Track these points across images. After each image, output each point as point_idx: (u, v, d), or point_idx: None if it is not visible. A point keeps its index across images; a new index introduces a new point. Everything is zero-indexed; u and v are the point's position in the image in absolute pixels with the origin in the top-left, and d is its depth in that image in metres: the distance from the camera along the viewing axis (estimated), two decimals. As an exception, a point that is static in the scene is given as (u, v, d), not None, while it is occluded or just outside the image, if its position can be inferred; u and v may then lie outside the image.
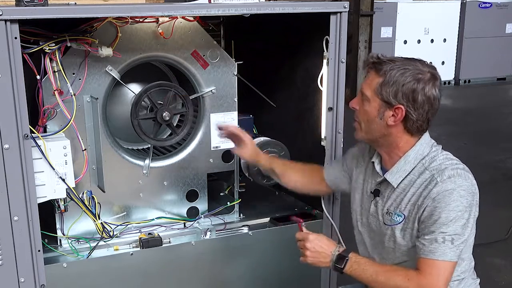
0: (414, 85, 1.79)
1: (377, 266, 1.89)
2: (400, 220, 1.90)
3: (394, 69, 1.81)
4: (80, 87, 2.15)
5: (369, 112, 1.87)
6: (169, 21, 2.26)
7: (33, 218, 1.96)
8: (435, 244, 1.77)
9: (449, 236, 1.76)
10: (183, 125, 2.38)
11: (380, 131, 1.88)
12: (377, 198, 1.99)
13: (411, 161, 1.89)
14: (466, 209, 1.78)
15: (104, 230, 2.25)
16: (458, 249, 1.79)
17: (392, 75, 1.80)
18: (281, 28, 2.60)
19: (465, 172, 1.85)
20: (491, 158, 5.90)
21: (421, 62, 1.86)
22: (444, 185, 1.79)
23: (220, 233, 2.43)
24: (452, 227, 1.77)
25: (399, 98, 1.80)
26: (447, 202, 1.78)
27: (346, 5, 2.28)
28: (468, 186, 1.81)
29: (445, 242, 1.76)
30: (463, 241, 1.79)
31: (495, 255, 3.65)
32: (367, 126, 1.91)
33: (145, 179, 2.37)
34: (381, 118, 1.85)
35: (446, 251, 1.77)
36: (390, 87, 1.80)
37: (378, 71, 1.84)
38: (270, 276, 2.49)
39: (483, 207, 2.03)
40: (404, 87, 1.79)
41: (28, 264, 1.99)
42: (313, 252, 1.93)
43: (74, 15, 1.90)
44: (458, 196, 1.78)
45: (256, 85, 2.68)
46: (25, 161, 1.90)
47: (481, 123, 7.51)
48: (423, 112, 1.82)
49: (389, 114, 1.84)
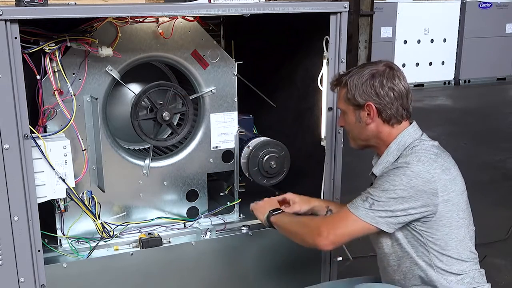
0: (372, 81, 1.92)
1: (297, 217, 2.11)
2: None
3: (352, 75, 1.96)
4: (80, 87, 2.15)
5: (349, 121, 2.01)
6: (169, 21, 2.27)
7: (33, 218, 1.96)
8: (357, 199, 1.89)
9: (371, 198, 1.84)
10: (183, 125, 2.38)
11: (364, 132, 1.99)
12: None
13: (393, 152, 1.95)
14: (404, 187, 1.80)
15: (104, 230, 2.25)
16: (375, 214, 1.83)
17: (352, 81, 1.95)
18: (281, 28, 2.60)
19: (430, 160, 1.85)
20: (491, 158, 5.90)
21: (376, 62, 2.00)
22: (399, 164, 1.86)
23: (220, 233, 2.43)
24: (378, 193, 1.83)
25: (364, 97, 1.93)
26: (389, 174, 1.85)
27: (346, 5, 2.28)
28: (420, 170, 1.82)
29: (365, 202, 1.85)
30: (385, 210, 1.82)
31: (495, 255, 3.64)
32: (354, 134, 2.04)
33: (145, 179, 2.37)
34: (359, 121, 1.98)
35: (360, 208, 1.85)
36: (354, 91, 1.94)
37: (341, 84, 2.00)
38: (270, 276, 2.49)
39: (483, 207, 2.04)
40: (364, 86, 1.93)
41: (28, 264, 1.99)
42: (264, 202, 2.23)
43: (74, 15, 1.90)
44: (402, 174, 1.83)
45: (256, 85, 2.68)
46: (25, 161, 1.91)
47: (481, 123, 7.50)
48: (391, 100, 1.92)
49: (364, 114, 1.95)
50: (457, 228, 1.89)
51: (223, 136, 2.46)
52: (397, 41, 9.92)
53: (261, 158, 2.44)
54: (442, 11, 10.18)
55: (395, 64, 1.99)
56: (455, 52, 10.53)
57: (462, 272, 1.91)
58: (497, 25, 10.56)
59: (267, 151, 2.45)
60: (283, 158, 2.48)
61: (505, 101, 9.21)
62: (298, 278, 2.48)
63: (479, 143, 6.46)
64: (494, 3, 10.44)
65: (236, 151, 2.49)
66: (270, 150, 2.45)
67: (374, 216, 1.84)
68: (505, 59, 10.82)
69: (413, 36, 10.08)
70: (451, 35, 10.43)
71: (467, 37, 10.40)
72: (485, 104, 8.86)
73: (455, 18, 10.39)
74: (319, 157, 2.47)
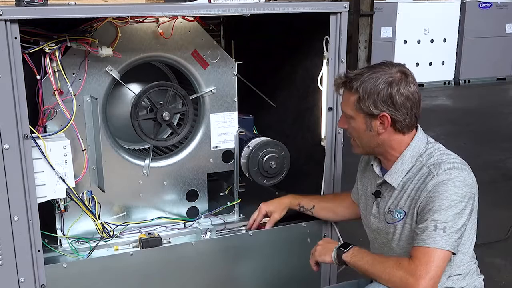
0: (389, 90, 1.81)
1: (373, 255, 1.91)
2: (401, 217, 1.91)
3: (364, 81, 1.83)
4: (80, 87, 2.15)
5: (358, 128, 1.91)
6: (169, 21, 2.26)
7: (33, 218, 1.96)
8: (427, 232, 1.78)
9: (440, 224, 1.76)
10: (183, 125, 2.38)
11: (374, 141, 1.91)
12: (378, 199, 2.01)
13: (408, 160, 1.91)
14: (461, 199, 1.79)
15: (104, 230, 2.25)
16: (452, 238, 1.77)
17: (365, 89, 1.82)
18: (281, 28, 2.60)
19: (462, 165, 1.86)
20: (491, 158, 5.90)
21: (387, 65, 1.88)
22: (440, 177, 1.81)
23: (220, 233, 2.43)
24: (444, 214, 1.77)
25: (379, 107, 1.83)
26: (441, 191, 1.79)
27: (346, 5, 2.28)
28: (464, 177, 1.82)
29: (437, 230, 1.76)
30: (457, 230, 1.78)
31: (495, 255, 3.64)
32: (361, 141, 1.94)
33: (145, 179, 2.37)
34: (370, 130, 1.88)
35: (437, 239, 1.76)
36: (367, 100, 1.83)
37: (351, 89, 1.87)
38: (270, 276, 2.49)
39: (483, 207, 2.04)
40: (380, 95, 1.82)
41: (28, 264, 1.99)
42: (322, 246, 2.01)
43: (74, 15, 1.90)
44: (453, 186, 1.79)
45: (256, 85, 2.68)
46: (25, 161, 1.91)
47: (481, 123, 7.50)
48: (407, 110, 1.85)
49: (377, 123, 1.86)
50: (474, 228, 1.92)
51: (223, 136, 2.46)
52: (397, 41, 9.93)
53: (261, 158, 2.44)
54: (442, 11, 10.18)
55: (406, 67, 1.89)
56: (455, 52, 10.53)
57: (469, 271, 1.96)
58: (497, 25, 10.56)
59: (267, 151, 2.45)
60: (283, 158, 2.48)
61: (505, 101, 9.21)
62: (298, 278, 2.48)
63: (479, 143, 6.46)
64: (494, 3, 10.44)
65: (236, 151, 2.49)
66: (270, 150, 2.45)
67: (452, 243, 1.77)
68: (505, 59, 10.82)
69: (413, 36, 10.08)
70: (451, 35, 10.43)
71: (467, 37, 10.39)
72: (485, 104, 8.86)
73: (455, 18, 10.39)
74: (319, 157, 2.47)
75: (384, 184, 1.98)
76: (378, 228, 2.03)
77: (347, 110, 1.91)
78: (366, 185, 2.11)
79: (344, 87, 1.91)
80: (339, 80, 1.92)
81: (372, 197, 2.04)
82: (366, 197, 2.10)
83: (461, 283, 1.94)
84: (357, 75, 1.86)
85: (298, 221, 2.50)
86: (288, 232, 2.47)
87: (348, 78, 1.88)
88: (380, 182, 1.98)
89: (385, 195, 1.98)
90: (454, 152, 1.95)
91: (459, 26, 10.41)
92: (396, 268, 1.78)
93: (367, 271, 1.86)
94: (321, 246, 2.01)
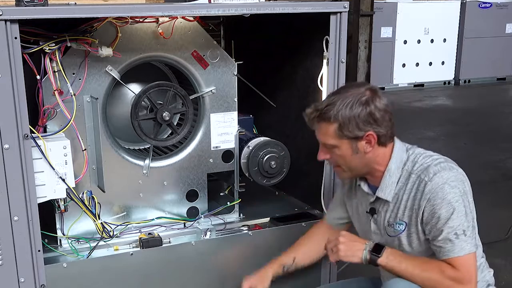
0: (367, 109, 1.82)
1: (411, 258, 1.89)
2: (403, 228, 1.92)
3: (340, 108, 1.83)
4: (80, 87, 2.15)
5: (343, 154, 1.89)
6: (169, 21, 2.26)
7: (33, 218, 1.96)
8: (450, 243, 1.80)
9: (459, 230, 1.79)
10: (183, 125, 2.38)
11: (362, 162, 1.91)
12: (375, 215, 2.01)
13: (394, 172, 1.91)
14: (461, 197, 1.81)
15: (104, 230, 2.25)
16: (473, 238, 1.82)
17: (343, 115, 1.82)
18: (281, 28, 2.60)
19: (448, 163, 1.88)
20: (491, 158, 5.89)
21: (353, 86, 1.90)
22: (433, 182, 1.82)
23: (220, 233, 2.43)
24: (457, 220, 1.79)
25: (363, 127, 1.83)
26: (442, 197, 1.80)
27: (346, 5, 2.28)
28: (455, 175, 1.84)
29: (459, 237, 1.79)
30: (473, 228, 1.83)
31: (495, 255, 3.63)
32: (349, 166, 1.93)
33: (145, 179, 2.37)
34: (357, 152, 1.88)
35: (464, 245, 1.80)
36: (349, 125, 1.83)
37: (328, 120, 1.85)
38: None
39: (483, 207, 2.04)
40: (361, 117, 1.82)
41: (28, 264, 1.99)
42: (346, 245, 1.92)
43: (74, 15, 1.90)
44: (450, 188, 1.81)
45: (256, 85, 2.68)
46: (25, 161, 1.91)
47: (481, 123, 7.49)
48: (387, 123, 1.87)
49: (363, 144, 1.87)
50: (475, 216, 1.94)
51: (223, 136, 2.46)
52: (397, 41, 9.92)
53: (261, 158, 2.44)
54: (442, 11, 10.18)
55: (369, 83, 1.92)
56: (455, 52, 10.53)
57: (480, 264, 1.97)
58: (497, 25, 10.56)
59: (267, 151, 2.45)
60: (283, 158, 2.47)
61: (505, 101, 9.21)
62: (298, 279, 2.48)
63: (479, 143, 6.46)
64: (494, 3, 10.44)
65: (236, 151, 2.49)
66: (270, 150, 2.45)
67: (474, 241, 1.82)
68: (505, 59, 10.82)
69: (413, 36, 10.08)
70: (451, 35, 10.43)
71: (467, 37, 10.39)
72: (485, 104, 8.86)
73: (455, 18, 10.38)
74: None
75: (377, 200, 1.98)
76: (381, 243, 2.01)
77: (329, 141, 1.89)
78: (356, 205, 2.10)
79: (319, 120, 1.89)
80: (312, 115, 1.90)
81: (367, 215, 2.04)
82: (359, 217, 2.09)
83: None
84: (329, 105, 1.85)
85: (298, 221, 2.51)
86: (288, 232, 2.47)
87: (321, 110, 1.86)
88: (373, 199, 1.98)
89: (381, 210, 1.98)
90: (454, 152, 1.96)
91: (459, 26, 10.41)
92: (442, 277, 1.81)
93: (406, 277, 1.85)
94: (345, 245, 1.92)
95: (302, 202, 2.73)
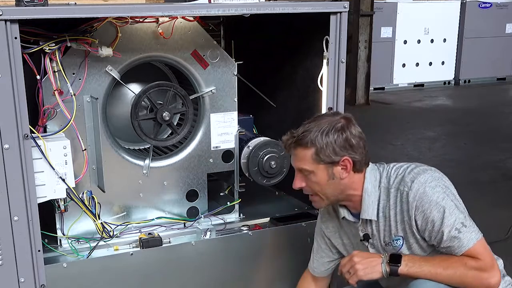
0: (343, 135, 1.85)
1: (430, 259, 1.87)
2: (402, 242, 1.92)
3: (316, 135, 1.85)
4: (80, 87, 2.15)
5: (319, 180, 1.90)
6: (169, 21, 2.26)
7: (33, 218, 1.96)
8: (457, 240, 1.81)
9: (458, 224, 1.80)
10: (183, 125, 2.38)
11: (338, 188, 1.91)
12: (370, 240, 1.99)
13: (372, 191, 1.92)
14: (445, 194, 1.83)
15: (104, 230, 2.25)
16: (473, 225, 1.84)
17: (319, 140, 1.84)
18: (281, 28, 2.60)
19: (420, 168, 1.90)
20: (491, 158, 5.89)
21: (328, 115, 1.99)
22: (414, 190, 1.84)
23: (220, 233, 2.43)
24: (451, 216, 1.80)
25: (339, 152, 1.85)
26: (427, 201, 1.82)
27: (346, 5, 2.28)
28: (431, 175, 1.86)
29: (461, 230, 1.80)
30: (468, 217, 1.84)
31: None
32: (325, 193, 1.93)
33: (145, 179, 2.37)
34: (333, 178, 1.89)
35: (469, 236, 1.81)
36: (326, 150, 1.84)
37: (306, 145, 1.86)
38: (270, 276, 2.49)
39: (483, 207, 2.04)
40: (337, 142, 1.85)
41: (28, 264, 1.99)
42: (363, 263, 1.89)
43: (74, 15, 1.90)
44: (431, 189, 1.82)
45: (256, 85, 2.68)
46: (25, 161, 1.91)
47: (481, 123, 7.49)
48: (362, 149, 1.89)
49: (338, 169, 1.88)
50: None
51: (223, 136, 2.46)
52: (397, 41, 9.93)
53: (261, 158, 2.44)
54: (442, 11, 10.19)
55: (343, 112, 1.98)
56: (455, 52, 10.53)
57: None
58: (497, 25, 10.57)
59: (267, 151, 2.45)
60: (283, 158, 2.47)
61: (505, 101, 9.21)
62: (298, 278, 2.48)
63: (479, 143, 6.46)
64: (494, 3, 10.44)
65: (236, 151, 2.49)
66: (270, 150, 2.45)
67: (476, 228, 1.84)
68: (505, 59, 10.82)
69: (413, 36, 10.08)
70: (451, 35, 10.44)
71: (467, 37, 10.40)
72: (485, 104, 8.86)
73: (455, 18, 10.39)
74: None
75: (366, 224, 1.97)
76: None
77: (305, 166, 1.89)
78: (348, 239, 2.08)
79: (296, 146, 1.90)
80: (289, 141, 1.91)
81: (362, 243, 2.02)
82: (355, 248, 2.05)
83: None
84: (305, 132, 1.87)
85: (298, 221, 2.51)
86: (288, 232, 2.47)
87: (298, 137, 1.88)
88: (359, 225, 1.98)
89: (374, 233, 1.97)
90: (454, 152, 1.97)
91: (459, 26, 10.42)
92: (465, 269, 1.81)
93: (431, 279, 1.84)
94: (361, 264, 1.88)
95: (302, 202, 2.73)
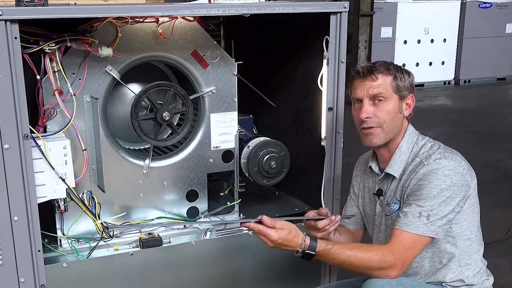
0: (410, 77, 1.96)
1: (347, 249, 1.84)
2: (397, 208, 1.96)
3: (396, 67, 1.94)
4: (80, 87, 2.15)
5: (390, 110, 1.93)
6: (169, 21, 2.26)
7: (33, 218, 1.96)
8: (411, 217, 1.83)
9: (425, 211, 1.82)
10: (183, 125, 2.38)
11: (400, 124, 1.97)
12: (381, 197, 2.04)
13: (405, 151, 1.96)
14: (449, 187, 1.83)
15: (104, 230, 2.24)
16: (435, 225, 1.82)
17: (398, 72, 1.93)
18: (281, 28, 2.60)
19: (453, 155, 1.91)
20: (491, 158, 5.89)
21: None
22: (429, 166, 1.86)
23: (220, 233, 2.43)
24: (430, 202, 1.82)
25: (409, 88, 1.94)
26: (430, 180, 1.84)
27: (346, 5, 2.28)
28: (454, 166, 1.86)
29: (421, 217, 1.81)
30: (442, 217, 1.82)
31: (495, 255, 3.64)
32: (390, 125, 1.94)
33: (145, 179, 2.37)
34: (400, 112, 1.95)
35: (420, 226, 1.82)
36: (403, 81, 1.93)
37: (387, 71, 1.92)
38: (270, 276, 2.49)
39: (483, 207, 2.04)
40: (410, 79, 1.95)
41: (28, 264, 1.99)
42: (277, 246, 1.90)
43: (74, 15, 1.90)
44: (442, 175, 1.83)
45: (256, 85, 2.68)
46: (25, 161, 1.91)
47: (481, 123, 7.49)
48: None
49: (404, 105, 1.95)
50: (477, 213, 1.97)
51: (223, 136, 2.46)
52: (397, 41, 9.92)
53: (261, 158, 2.44)
54: (442, 11, 10.18)
55: None
56: (455, 52, 10.52)
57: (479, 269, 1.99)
58: (497, 25, 10.56)
59: (267, 151, 2.45)
60: (283, 158, 2.48)
61: (505, 101, 9.21)
62: (298, 278, 2.48)
63: (479, 143, 6.46)
64: (494, 3, 10.44)
65: (236, 151, 2.49)
66: (270, 150, 2.45)
67: (435, 229, 1.83)
68: (505, 59, 10.81)
69: (413, 36, 10.08)
70: (451, 35, 10.43)
71: (467, 37, 10.39)
72: (485, 104, 8.86)
73: (455, 18, 10.38)
74: (319, 157, 2.47)
75: (384, 180, 2.01)
76: (380, 224, 2.06)
77: (384, 92, 1.91)
78: (368, 189, 2.14)
79: (378, 71, 1.92)
80: (370, 65, 1.94)
81: (374, 197, 2.08)
82: (370, 202, 2.12)
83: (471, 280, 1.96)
84: (383, 62, 1.95)
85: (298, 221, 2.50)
86: (288, 232, 2.46)
87: (373, 63, 1.95)
88: (381, 178, 2.02)
89: (386, 191, 2.02)
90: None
91: (459, 26, 10.41)
92: (372, 254, 1.81)
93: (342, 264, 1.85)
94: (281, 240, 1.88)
95: (302, 202, 2.73)
